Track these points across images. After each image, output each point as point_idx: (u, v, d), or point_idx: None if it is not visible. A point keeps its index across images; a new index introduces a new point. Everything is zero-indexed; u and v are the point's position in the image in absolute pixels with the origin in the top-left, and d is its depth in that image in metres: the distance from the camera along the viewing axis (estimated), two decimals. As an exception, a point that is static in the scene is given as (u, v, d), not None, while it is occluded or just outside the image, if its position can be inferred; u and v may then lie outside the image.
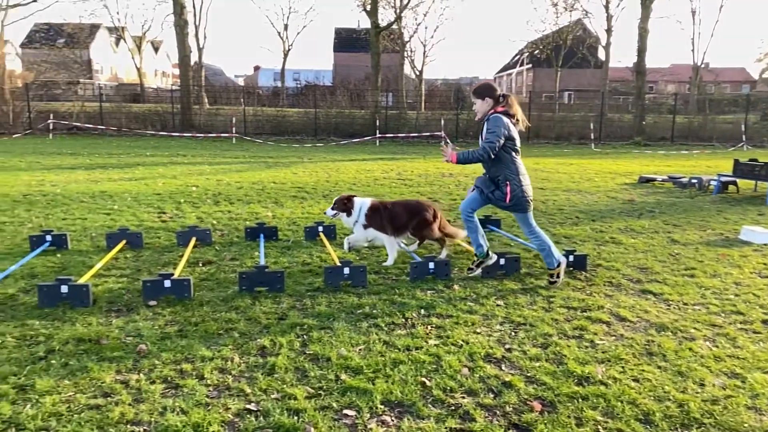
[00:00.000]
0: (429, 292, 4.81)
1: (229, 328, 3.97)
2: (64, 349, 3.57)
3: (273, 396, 3.06)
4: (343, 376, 3.27)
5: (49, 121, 25.19)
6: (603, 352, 3.65)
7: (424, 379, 3.25)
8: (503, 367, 3.44)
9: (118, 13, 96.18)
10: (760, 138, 27.51)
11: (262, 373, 3.30)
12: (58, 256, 5.83)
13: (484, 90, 4.99)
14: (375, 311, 4.33)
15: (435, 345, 3.72)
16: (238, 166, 14.83)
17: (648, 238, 6.97)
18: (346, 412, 2.91)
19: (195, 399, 3.01)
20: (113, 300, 4.50)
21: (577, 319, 4.24)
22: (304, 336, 3.84)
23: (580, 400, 3.05)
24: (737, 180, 10.97)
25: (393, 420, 2.86)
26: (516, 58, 66.52)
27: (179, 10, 27.51)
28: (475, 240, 5.16)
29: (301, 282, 5.03)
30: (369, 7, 28.48)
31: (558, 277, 5.11)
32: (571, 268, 5.40)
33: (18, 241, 6.43)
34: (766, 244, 6.60)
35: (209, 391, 3.11)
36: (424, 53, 47.06)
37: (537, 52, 46.53)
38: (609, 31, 36.75)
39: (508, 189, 4.85)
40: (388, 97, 35.02)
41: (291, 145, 23.84)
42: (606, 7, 36.18)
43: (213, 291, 4.76)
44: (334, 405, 2.97)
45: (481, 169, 5.11)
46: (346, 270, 4.90)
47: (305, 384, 3.19)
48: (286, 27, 51.00)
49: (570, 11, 41.64)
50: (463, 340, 3.80)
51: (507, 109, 4.90)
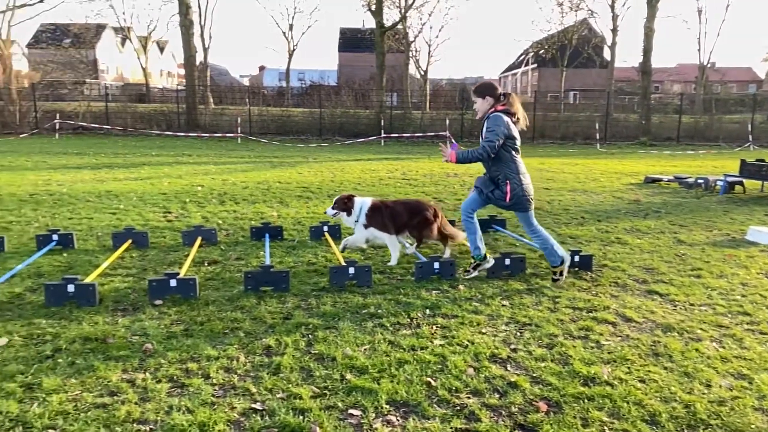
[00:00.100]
0: (434, 292, 4.81)
1: (235, 327, 3.98)
2: (70, 348, 3.59)
3: (278, 395, 3.06)
4: (348, 376, 3.27)
5: (55, 120, 25.30)
6: (609, 353, 3.64)
7: (429, 379, 3.25)
8: (509, 368, 3.44)
9: (123, 13, 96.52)
10: (767, 138, 27.37)
11: (268, 373, 3.31)
12: (65, 255, 5.86)
13: (485, 89, 4.98)
14: (380, 311, 4.33)
15: (440, 345, 3.72)
16: (244, 166, 14.86)
17: (654, 239, 6.94)
18: (351, 411, 2.91)
19: (201, 398, 3.02)
20: (119, 299, 4.52)
21: (583, 319, 4.23)
22: (310, 336, 3.85)
23: (586, 401, 3.04)
24: (744, 180, 10.92)
25: (398, 420, 2.86)
26: (521, 58, 66.46)
27: (185, 10, 27.60)
28: (473, 242, 5.15)
29: (306, 282, 5.04)
30: (374, 7, 28.51)
31: (561, 275, 5.10)
32: (576, 269, 5.39)
33: (25, 240, 6.46)
34: (773, 245, 6.57)
35: (215, 390, 3.12)
36: (429, 53, 46.97)
37: (542, 51, 46.46)
38: (614, 30, 36.59)
39: (508, 188, 4.84)
40: (392, 97, 35.06)
41: (296, 144, 23.87)
42: (612, 6, 36.04)
43: (218, 290, 4.77)
44: (340, 405, 2.97)
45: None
46: (351, 270, 4.91)
47: (310, 383, 3.19)
48: (291, 27, 51.28)
49: (575, 11, 41.56)
50: (468, 341, 3.80)
51: (508, 107, 4.88)
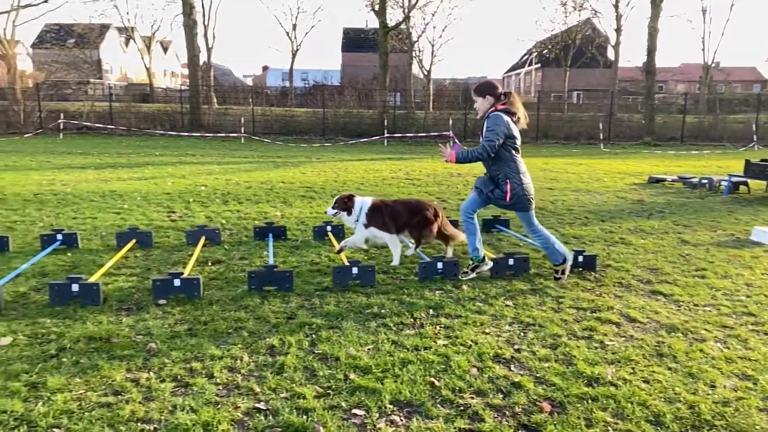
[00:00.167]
0: (438, 292, 4.81)
1: (239, 327, 3.98)
2: (75, 347, 3.60)
3: (282, 395, 3.06)
4: (351, 376, 3.27)
5: (59, 120, 25.39)
6: (613, 353, 3.64)
7: (433, 379, 3.25)
8: (512, 368, 3.43)
9: (127, 13, 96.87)
10: (772, 138, 27.30)
11: (271, 372, 3.31)
12: (69, 254, 5.87)
13: (485, 88, 4.98)
14: (383, 311, 4.33)
15: (444, 345, 3.72)
16: (247, 166, 14.88)
17: (658, 239, 6.92)
18: (355, 411, 2.91)
19: (204, 397, 3.02)
20: (123, 299, 4.53)
21: (587, 319, 4.22)
22: (313, 335, 3.85)
23: (590, 401, 3.04)
24: (748, 180, 10.88)
25: (402, 420, 2.86)
26: (525, 58, 66.37)
27: (188, 10, 27.64)
28: (471, 243, 5.13)
29: (310, 281, 5.04)
30: (377, 7, 28.49)
31: (563, 273, 5.10)
32: (580, 269, 5.38)
33: (29, 239, 6.48)
34: (777, 245, 6.55)
35: (219, 389, 3.12)
36: (433, 53, 46.98)
37: (546, 51, 46.37)
38: (618, 30, 36.49)
39: (508, 187, 4.83)
40: (396, 97, 35.02)
41: (299, 144, 23.89)
42: (615, 6, 35.93)
43: (222, 290, 4.78)
44: (343, 404, 2.97)
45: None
46: (355, 270, 4.91)
47: (314, 383, 3.19)
48: (294, 27, 51.19)
49: (579, 11, 41.47)
50: (472, 341, 3.79)
51: (508, 106, 4.87)
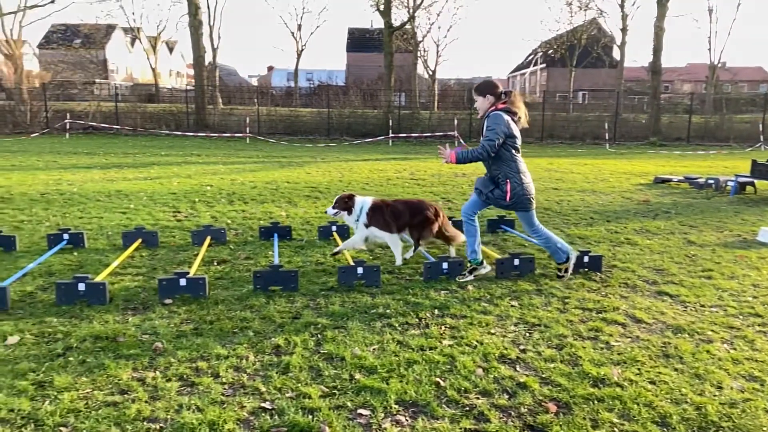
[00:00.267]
0: (443, 292, 4.80)
1: (244, 326, 3.99)
2: (81, 347, 3.62)
3: (288, 395, 3.07)
4: (357, 376, 3.27)
5: (65, 120, 25.50)
6: (619, 354, 3.63)
7: (438, 379, 3.25)
8: (518, 368, 3.43)
9: (133, 13, 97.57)
10: (779, 138, 27.16)
11: (277, 372, 3.32)
12: (75, 254, 5.90)
13: (485, 87, 4.97)
14: (389, 311, 4.33)
15: (449, 345, 3.72)
16: (252, 166, 14.91)
17: (664, 239, 6.90)
18: (360, 411, 2.91)
19: (210, 397, 3.03)
20: (129, 298, 4.55)
21: (593, 320, 4.21)
22: (318, 335, 3.85)
23: (596, 402, 3.03)
24: (755, 181, 10.82)
25: (407, 420, 2.86)
26: (530, 58, 66.26)
27: (194, 10, 27.72)
28: (470, 245, 5.12)
29: (315, 281, 5.04)
30: (382, 7, 28.52)
31: (566, 271, 5.09)
32: (586, 269, 5.37)
33: (36, 239, 6.51)
34: (784, 246, 6.51)
35: (224, 389, 3.13)
36: (438, 53, 46.88)
37: (551, 51, 46.27)
38: (624, 30, 36.36)
39: (508, 187, 4.83)
40: (401, 97, 35.01)
41: (304, 144, 23.92)
42: (621, 5, 35.79)
43: (228, 290, 4.79)
44: (349, 404, 2.98)
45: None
46: (360, 270, 4.91)
47: (320, 383, 3.20)
48: (299, 27, 51.38)
49: (585, 10, 41.38)
50: (477, 341, 3.79)
51: (509, 106, 4.86)
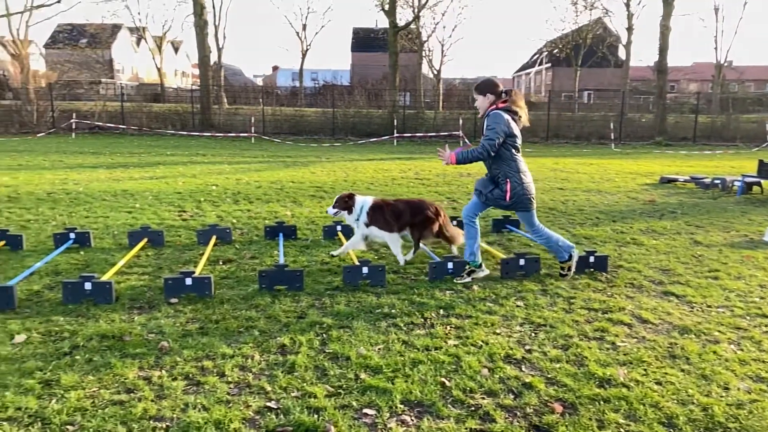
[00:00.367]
0: (448, 292, 4.80)
1: (249, 326, 4.00)
2: (88, 345, 3.63)
3: (293, 394, 3.07)
4: (362, 376, 3.27)
5: (71, 120, 25.60)
6: (625, 354, 3.61)
7: (443, 379, 3.25)
8: (523, 368, 3.42)
9: (139, 13, 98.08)
10: (786, 138, 26.99)
11: (282, 372, 3.32)
12: (82, 253, 5.92)
13: (485, 86, 4.95)
14: (394, 311, 4.33)
15: (454, 345, 3.71)
16: (257, 166, 14.94)
17: (670, 240, 6.87)
18: (365, 411, 2.92)
19: (216, 396, 3.04)
20: (135, 297, 4.56)
21: (598, 320, 4.20)
22: (324, 335, 3.86)
23: (602, 403, 3.02)
24: (762, 181, 10.76)
25: (413, 420, 2.86)
26: (535, 57, 66.10)
27: (199, 10, 27.77)
28: (470, 247, 5.11)
29: (320, 281, 5.05)
30: (387, 7, 28.48)
31: (569, 270, 5.08)
32: (592, 269, 5.35)
33: (42, 238, 6.54)
34: (792, 246, 6.47)
35: (230, 388, 3.14)
36: (442, 52, 47.12)
37: (556, 51, 46.17)
38: (630, 29, 36.21)
39: (508, 186, 4.81)
40: (405, 97, 34.99)
41: (309, 144, 23.94)
42: (627, 5, 35.65)
43: (233, 289, 4.80)
44: (354, 404, 2.98)
45: None
46: (365, 269, 4.91)
47: (325, 383, 3.20)
48: (304, 27, 51.31)
49: (590, 10, 41.21)
50: (482, 341, 3.78)
51: (509, 105, 4.84)
